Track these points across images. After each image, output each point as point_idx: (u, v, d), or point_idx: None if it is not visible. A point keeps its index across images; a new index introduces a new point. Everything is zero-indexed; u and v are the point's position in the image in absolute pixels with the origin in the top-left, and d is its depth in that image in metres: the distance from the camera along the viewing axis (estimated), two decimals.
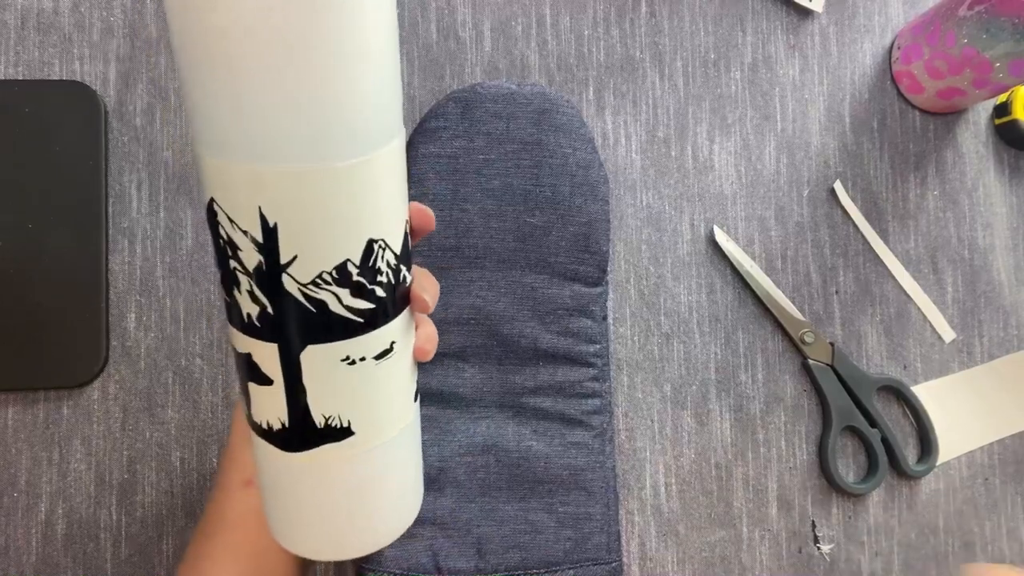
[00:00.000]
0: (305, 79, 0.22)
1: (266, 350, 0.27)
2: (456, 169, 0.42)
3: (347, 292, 0.26)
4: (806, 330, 0.47)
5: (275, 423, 0.29)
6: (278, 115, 0.22)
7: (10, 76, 0.43)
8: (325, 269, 0.26)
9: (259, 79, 0.21)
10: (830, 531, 0.47)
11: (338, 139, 0.23)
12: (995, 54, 0.43)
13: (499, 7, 0.47)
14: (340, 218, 0.25)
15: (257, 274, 0.25)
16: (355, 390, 0.29)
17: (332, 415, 0.29)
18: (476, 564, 0.41)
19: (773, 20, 0.50)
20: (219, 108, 0.22)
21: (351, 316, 0.27)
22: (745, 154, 0.49)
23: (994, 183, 0.51)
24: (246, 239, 0.25)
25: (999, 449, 0.50)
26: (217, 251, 0.26)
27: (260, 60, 0.21)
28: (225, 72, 0.21)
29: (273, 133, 0.23)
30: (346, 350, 0.27)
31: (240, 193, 0.24)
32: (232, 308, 0.27)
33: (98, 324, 0.41)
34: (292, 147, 0.23)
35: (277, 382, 0.28)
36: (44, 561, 0.41)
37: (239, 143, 0.23)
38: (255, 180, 0.23)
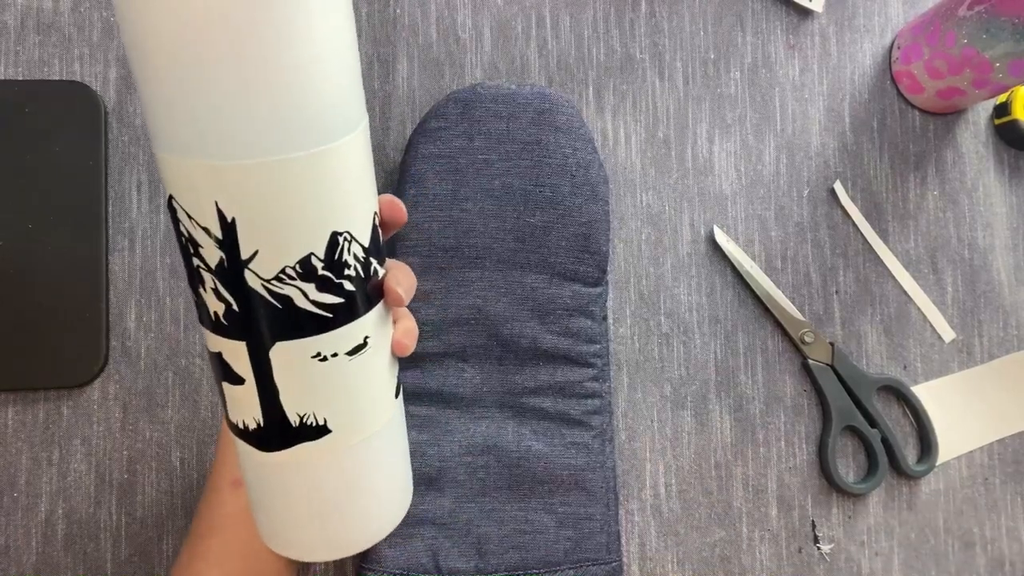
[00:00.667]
0: (252, 71, 0.21)
1: (235, 348, 0.26)
2: (456, 169, 0.42)
3: (312, 287, 0.26)
4: (806, 330, 0.47)
5: (250, 423, 0.28)
6: (228, 109, 0.22)
7: (10, 76, 0.43)
8: (288, 264, 0.25)
9: (205, 73, 0.21)
10: (830, 531, 0.47)
11: (293, 130, 0.22)
12: (995, 54, 0.43)
13: (499, 8, 0.47)
14: (300, 211, 0.24)
15: (219, 271, 0.25)
16: (329, 387, 0.28)
17: (306, 413, 0.28)
18: (476, 564, 0.41)
19: (773, 20, 0.50)
20: (168, 105, 0.22)
21: (319, 311, 0.26)
22: (745, 154, 0.49)
23: (994, 183, 0.51)
24: (206, 236, 0.24)
25: (999, 449, 0.50)
26: (181, 249, 0.25)
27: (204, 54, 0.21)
28: (171, 68, 0.21)
29: (225, 128, 0.22)
30: (316, 346, 0.27)
31: (196, 189, 0.23)
32: (200, 307, 0.26)
33: (98, 324, 0.41)
34: (245, 141, 0.22)
35: (249, 381, 0.27)
36: (44, 561, 0.41)
37: (192, 139, 0.22)
38: (210, 176, 0.23)
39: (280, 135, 0.22)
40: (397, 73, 0.46)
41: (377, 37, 0.46)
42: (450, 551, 0.41)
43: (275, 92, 0.22)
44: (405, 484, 0.33)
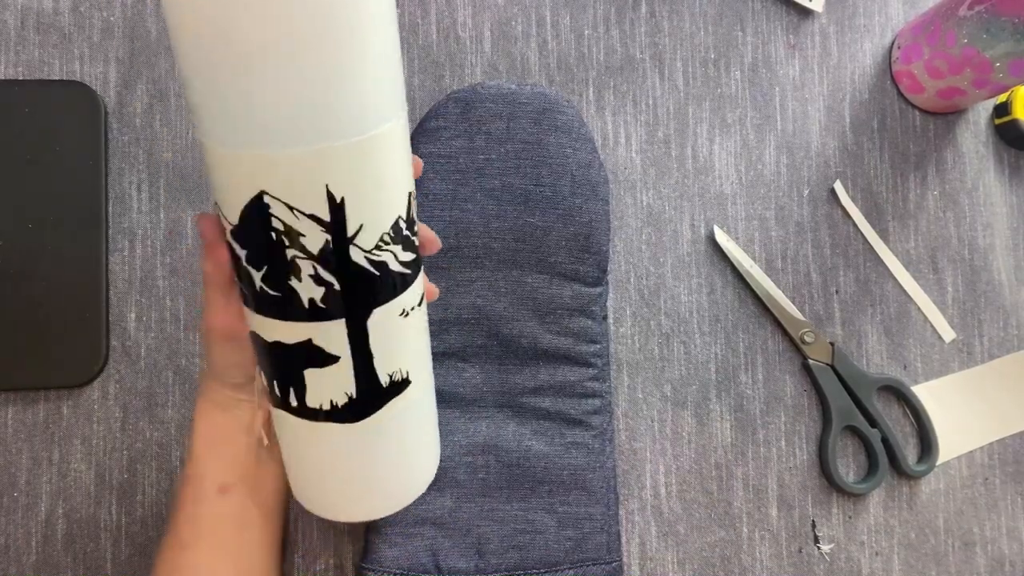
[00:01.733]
0: (344, 55, 0.23)
1: (331, 329, 0.27)
2: (456, 169, 0.42)
3: (399, 248, 0.28)
4: (806, 330, 0.47)
5: (340, 399, 0.29)
6: (330, 92, 0.23)
7: (10, 76, 0.43)
8: (384, 231, 0.27)
9: (304, 61, 0.22)
10: (830, 531, 0.47)
11: (380, 107, 0.25)
12: (995, 54, 0.43)
13: (499, 7, 0.47)
14: (392, 179, 0.26)
15: (322, 255, 0.26)
16: (409, 340, 0.30)
17: (395, 371, 0.30)
18: (476, 564, 0.41)
19: (773, 20, 0.50)
20: (266, 100, 0.23)
21: (404, 270, 0.28)
22: (745, 154, 0.49)
23: (994, 183, 0.51)
24: (312, 223, 0.25)
25: (999, 449, 0.50)
26: (263, 248, 0.26)
27: (303, 47, 0.22)
28: (270, 64, 0.22)
29: (330, 112, 0.23)
30: (401, 304, 0.29)
31: (304, 177, 0.24)
32: (280, 302, 0.27)
33: (98, 324, 0.41)
34: (348, 121, 0.24)
35: (344, 357, 0.28)
36: (44, 561, 0.41)
37: (295, 128, 0.23)
38: (319, 160, 0.24)
39: (374, 111, 0.24)
40: None
41: None
42: (450, 551, 0.41)
43: (368, 73, 0.24)
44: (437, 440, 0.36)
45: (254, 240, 0.26)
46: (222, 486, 0.34)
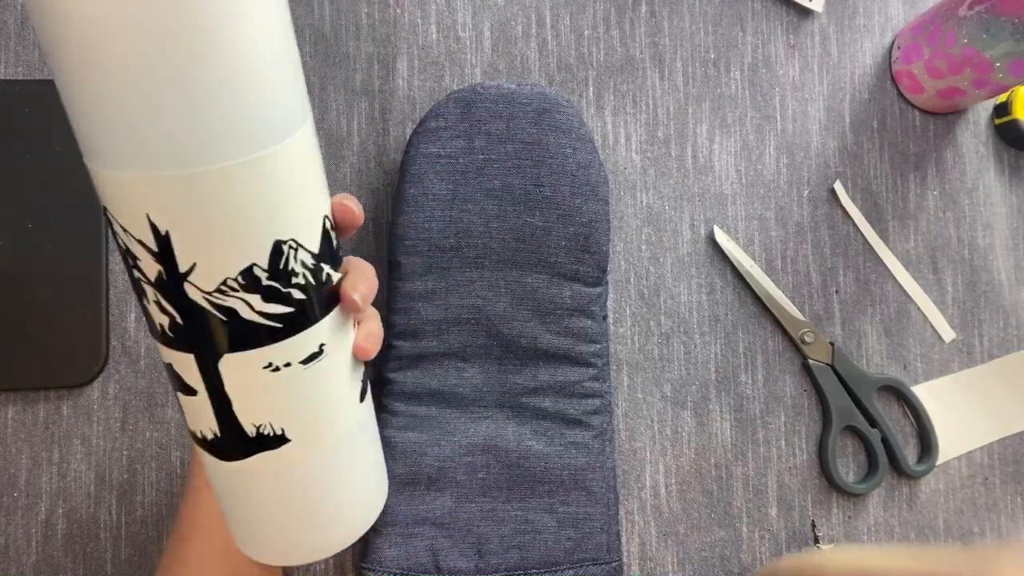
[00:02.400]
0: (174, 76, 0.20)
1: (184, 360, 0.26)
2: (456, 169, 0.42)
3: (258, 298, 0.25)
4: (806, 330, 0.47)
5: (207, 433, 0.27)
6: (154, 119, 0.20)
7: (10, 76, 0.43)
8: (229, 276, 0.24)
9: (126, 83, 0.20)
10: (830, 531, 0.47)
11: (224, 137, 0.21)
12: (995, 54, 0.43)
13: (499, 8, 0.47)
14: (238, 220, 0.23)
15: (159, 284, 0.24)
16: (285, 397, 0.27)
17: (263, 423, 0.27)
18: (476, 564, 0.41)
19: (773, 20, 0.50)
20: (90, 116, 0.21)
21: (267, 322, 0.25)
22: (745, 154, 0.49)
23: (994, 183, 0.51)
24: (143, 249, 0.23)
25: (999, 449, 0.50)
26: (124, 262, 0.24)
27: (124, 63, 0.19)
28: (91, 78, 0.20)
29: (150, 137, 0.21)
30: (267, 357, 0.26)
31: (127, 202, 0.22)
32: (147, 317, 0.26)
33: (98, 324, 0.41)
34: (172, 151, 0.21)
35: (201, 392, 0.26)
36: (44, 561, 0.41)
37: (118, 151, 0.21)
38: (140, 188, 0.22)
39: (209, 143, 0.21)
40: (397, 73, 0.46)
41: (377, 37, 0.46)
42: (450, 551, 0.41)
43: (201, 98, 0.20)
44: (376, 486, 0.32)
45: (119, 252, 0.25)
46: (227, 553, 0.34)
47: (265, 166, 0.22)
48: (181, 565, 0.33)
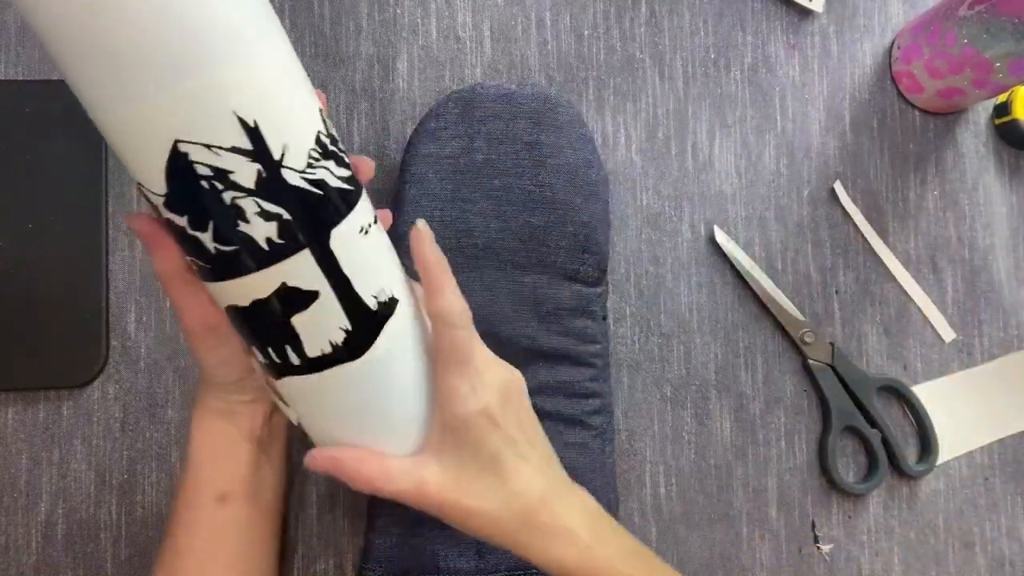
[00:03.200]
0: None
1: (300, 262, 0.26)
2: (456, 169, 0.42)
3: (332, 163, 0.27)
4: (806, 330, 0.47)
5: (337, 336, 0.28)
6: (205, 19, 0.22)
7: (10, 76, 0.43)
8: (310, 147, 0.26)
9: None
10: (830, 531, 0.47)
11: (256, 25, 0.24)
12: (995, 54, 0.43)
13: (499, 8, 0.47)
14: (297, 94, 0.26)
15: (259, 185, 0.25)
16: (381, 257, 0.29)
17: (378, 291, 0.29)
18: (476, 564, 0.41)
19: (773, 20, 0.50)
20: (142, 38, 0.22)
21: (346, 186, 0.27)
22: (745, 154, 0.49)
23: (994, 183, 0.51)
24: (236, 155, 0.24)
25: (999, 449, 0.50)
26: (201, 203, 0.25)
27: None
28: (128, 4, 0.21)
29: (226, 34, 0.23)
30: (357, 220, 0.28)
31: (211, 111, 0.23)
32: (239, 255, 0.26)
33: (98, 324, 0.41)
34: (241, 40, 0.23)
35: (324, 289, 0.27)
36: (44, 561, 0.41)
37: (195, 60, 0.22)
38: (218, 90, 0.23)
39: (254, 30, 0.24)
40: (397, 73, 0.46)
41: (377, 37, 0.46)
42: (450, 551, 0.41)
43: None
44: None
45: (189, 199, 0.25)
46: (221, 495, 0.34)
47: (283, 45, 0.26)
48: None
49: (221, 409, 0.34)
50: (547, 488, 0.32)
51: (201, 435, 0.34)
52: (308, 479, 0.43)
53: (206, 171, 0.24)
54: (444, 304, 0.30)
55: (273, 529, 0.38)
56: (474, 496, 0.30)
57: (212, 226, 0.25)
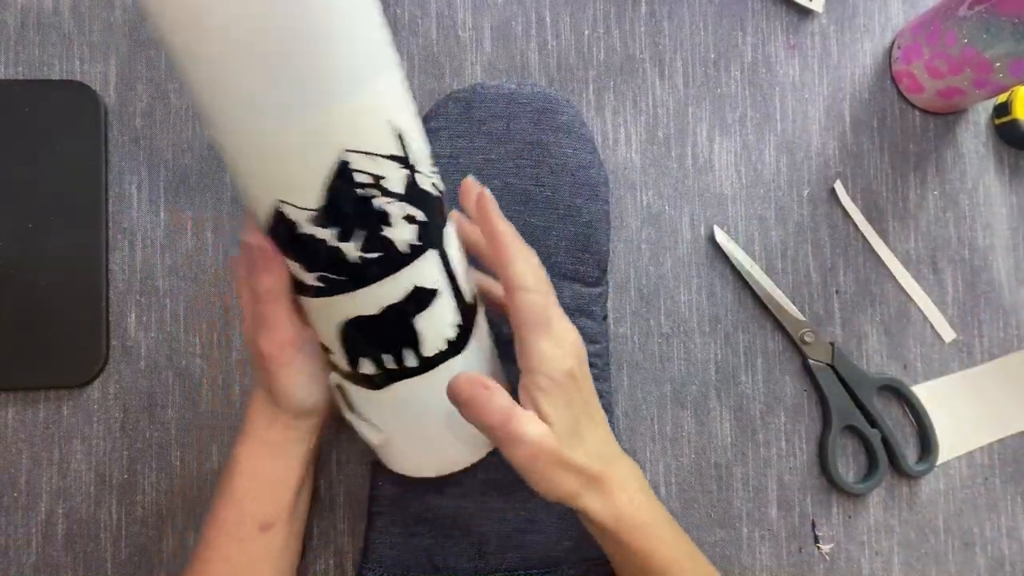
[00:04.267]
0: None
1: (427, 263, 0.28)
2: (456, 169, 0.42)
3: (436, 172, 0.29)
4: (806, 330, 0.47)
5: (451, 333, 0.30)
6: (373, 32, 0.25)
7: (10, 76, 0.43)
8: (426, 152, 0.28)
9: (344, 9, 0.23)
10: (830, 531, 0.47)
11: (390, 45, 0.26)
12: (995, 54, 0.43)
13: (499, 7, 0.47)
14: (412, 107, 0.28)
15: (407, 190, 0.26)
16: (463, 259, 0.32)
17: (472, 285, 0.31)
18: (476, 564, 0.41)
19: (773, 20, 0.50)
20: (337, 46, 0.23)
21: (440, 192, 0.29)
22: (745, 154, 0.49)
23: (994, 183, 0.51)
24: (390, 162, 0.25)
25: (999, 449, 0.50)
26: (355, 212, 0.26)
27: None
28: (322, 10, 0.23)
29: (383, 47, 0.25)
30: (451, 224, 0.30)
31: (374, 121, 0.25)
32: (382, 260, 0.27)
33: (98, 324, 0.41)
34: (387, 57, 0.25)
35: (442, 287, 0.29)
36: (44, 561, 0.41)
37: (363, 73, 0.24)
38: (379, 99, 0.25)
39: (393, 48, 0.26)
40: None
41: None
42: (450, 551, 0.41)
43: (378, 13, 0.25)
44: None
45: (345, 208, 0.25)
46: (265, 524, 0.34)
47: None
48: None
49: (276, 441, 0.35)
50: (613, 450, 0.34)
51: (251, 465, 0.34)
52: None
53: (365, 178, 0.25)
54: (520, 271, 0.31)
55: (300, 548, 0.38)
56: (573, 454, 0.31)
57: (361, 234, 0.26)
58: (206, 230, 0.43)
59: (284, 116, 0.23)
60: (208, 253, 0.43)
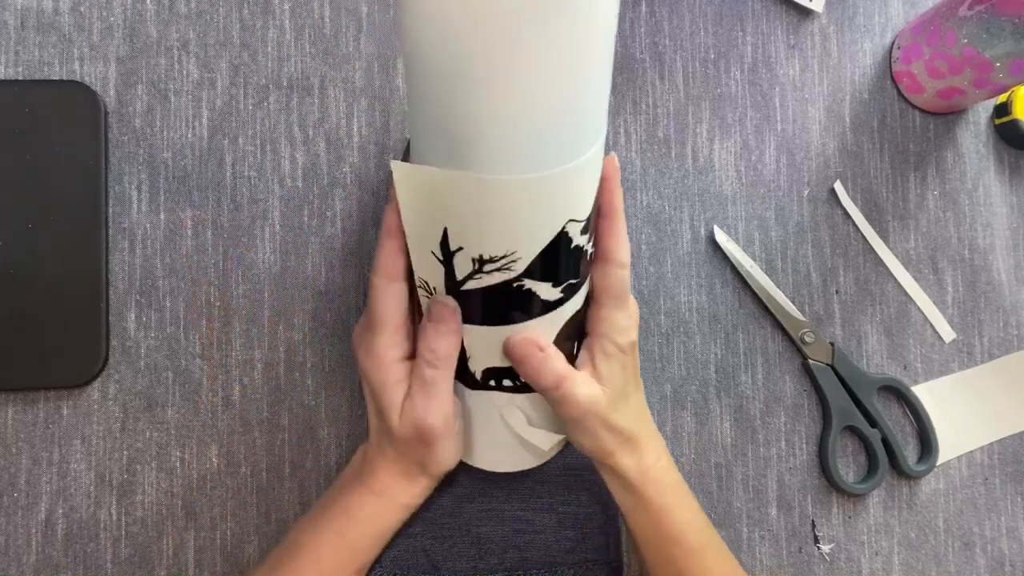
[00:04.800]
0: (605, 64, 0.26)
1: (581, 295, 0.34)
2: None
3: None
4: (806, 330, 0.47)
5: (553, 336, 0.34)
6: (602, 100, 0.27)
7: (10, 76, 0.43)
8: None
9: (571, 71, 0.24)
10: (830, 531, 0.47)
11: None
12: (995, 54, 0.43)
13: None
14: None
15: (584, 229, 0.30)
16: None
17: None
18: (475, 564, 0.41)
19: (773, 20, 0.50)
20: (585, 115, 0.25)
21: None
22: (745, 154, 0.49)
23: (994, 183, 0.51)
24: (575, 224, 0.29)
25: (999, 449, 0.50)
26: (569, 258, 0.30)
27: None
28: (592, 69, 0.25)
29: (602, 116, 0.27)
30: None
31: (586, 182, 0.28)
32: (573, 286, 0.31)
33: (98, 324, 0.41)
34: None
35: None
36: (44, 561, 0.41)
37: (601, 131, 0.27)
38: (594, 161, 0.27)
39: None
40: (397, 73, 0.46)
41: (377, 37, 0.46)
42: (449, 551, 0.41)
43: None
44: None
45: (566, 255, 0.30)
46: (360, 568, 0.36)
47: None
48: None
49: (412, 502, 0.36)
50: (647, 416, 0.38)
51: (376, 520, 0.35)
52: (310, 479, 0.43)
53: (574, 241, 0.29)
54: (621, 246, 0.33)
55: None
56: (617, 416, 0.34)
57: (576, 279, 0.31)
58: (206, 230, 0.43)
59: (531, 168, 0.25)
60: (208, 253, 0.43)
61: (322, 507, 0.36)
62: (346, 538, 0.35)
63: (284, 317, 0.43)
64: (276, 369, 0.43)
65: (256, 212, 0.44)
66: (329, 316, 0.44)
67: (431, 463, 0.35)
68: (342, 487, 0.36)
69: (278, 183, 0.44)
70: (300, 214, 0.44)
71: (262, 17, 0.45)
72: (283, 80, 0.44)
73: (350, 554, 0.35)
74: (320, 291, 0.44)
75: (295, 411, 0.43)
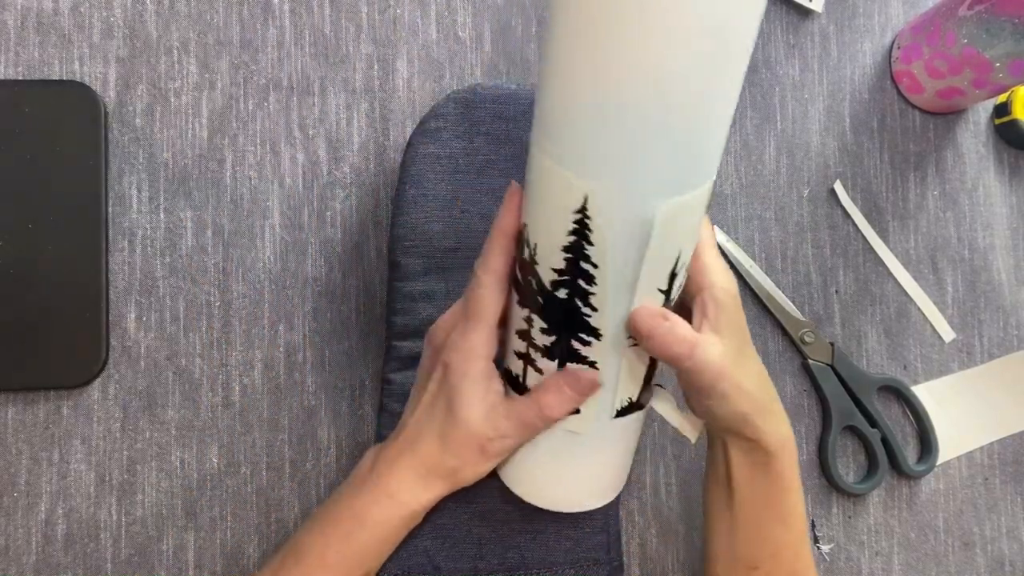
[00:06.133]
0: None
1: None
2: (456, 170, 0.42)
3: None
4: (806, 330, 0.47)
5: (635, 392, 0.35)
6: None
7: (10, 76, 0.43)
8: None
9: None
10: (830, 531, 0.47)
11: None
12: (995, 54, 0.43)
13: (499, 7, 0.47)
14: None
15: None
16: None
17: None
18: (475, 564, 0.41)
19: (773, 20, 0.50)
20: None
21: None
22: (745, 154, 0.49)
23: (994, 183, 0.51)
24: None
25: (999, 449, 0.50)
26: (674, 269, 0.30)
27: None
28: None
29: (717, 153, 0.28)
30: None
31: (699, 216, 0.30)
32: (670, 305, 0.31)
33: (98, 324, 0.41)
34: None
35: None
36: (44, 561, 0.41)
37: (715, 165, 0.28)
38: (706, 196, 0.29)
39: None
40: (397, 73, 0.46)
41: (377, 37, 0.46)
42: (449, 551, 0.41)
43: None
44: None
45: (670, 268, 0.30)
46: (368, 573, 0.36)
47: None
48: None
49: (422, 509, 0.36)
50: (773, 391, 0.35)
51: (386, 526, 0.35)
52: (310, 479, 0.43)
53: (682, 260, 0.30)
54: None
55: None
56: (743, 376, 0.32)
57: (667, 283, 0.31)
58: (206, 230, 0.43)
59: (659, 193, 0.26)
60: (208, 253, 0.43)
61: (327, 510, 0.36)
62: (353, 542, 0.34)
63: (284, 317, 0.43)
64: (276, 369, 0.43)
65: (256, 212, 0.44)
66: (329, 316, 0.44)
67: (469, 472, 0.34)
68: (350, 490, 0.36)
69: (278, 183, 0.44)
70: (300, 214, 0.44)
71: (262, 17, 0.45)
72: (283, 80, 0.44)
73: (358, 559, 0.35)
74: (320, 291, 0.44)
75: (295, 411, 0.43)
